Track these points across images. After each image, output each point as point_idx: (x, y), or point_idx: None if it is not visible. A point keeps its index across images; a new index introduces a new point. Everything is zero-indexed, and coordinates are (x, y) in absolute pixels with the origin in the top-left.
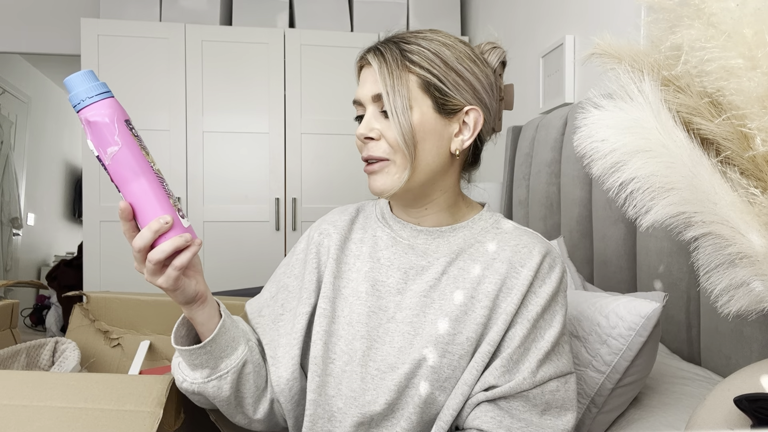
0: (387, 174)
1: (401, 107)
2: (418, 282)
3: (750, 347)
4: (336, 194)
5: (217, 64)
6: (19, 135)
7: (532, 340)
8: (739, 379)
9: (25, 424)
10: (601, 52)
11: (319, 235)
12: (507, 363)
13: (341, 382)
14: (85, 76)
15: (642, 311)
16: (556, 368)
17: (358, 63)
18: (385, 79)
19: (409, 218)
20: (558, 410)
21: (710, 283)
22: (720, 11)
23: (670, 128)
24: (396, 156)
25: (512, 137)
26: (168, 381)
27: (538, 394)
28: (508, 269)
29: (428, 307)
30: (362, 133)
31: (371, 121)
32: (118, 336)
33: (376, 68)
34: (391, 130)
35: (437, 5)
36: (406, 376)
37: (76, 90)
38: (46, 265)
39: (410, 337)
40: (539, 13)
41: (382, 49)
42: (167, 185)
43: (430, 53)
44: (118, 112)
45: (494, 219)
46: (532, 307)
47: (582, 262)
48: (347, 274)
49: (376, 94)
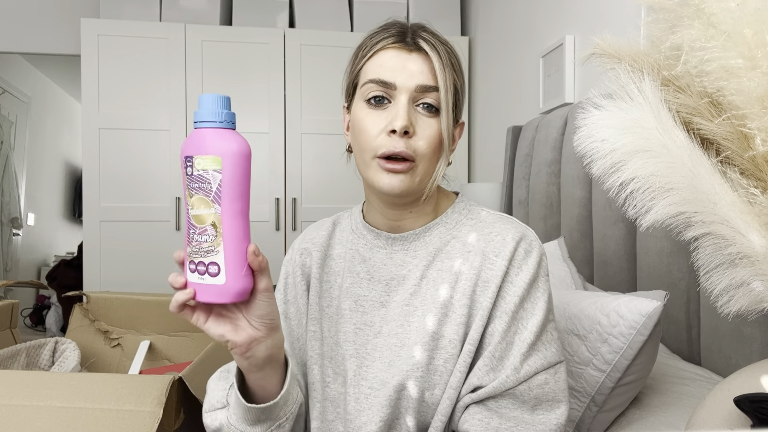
0: (411, 176)
1: (451, 107)
2: (400, 292)
3: (750, 347)
4: (336, 194)
5: (217, 64)
6: (19, 135)
7: (514, 332)
8: (739, 379)
9: (25, 424)
10: (601, 52)
11: (300, 256)
12: (490, 361)
13: (339, 406)
14: (211, 102)
15: (643, 310)
16: (544, 359)
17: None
18: (444, 75)
19: (386, 222)
20: (550, 403)
21: (710, 283)
22: (720, 11)
23: (670, 128)
24: (423, 158)
25: (512, 137)
26: (168, 381)
27: (525, 390)
28: (482, 261)
29: (411, 316)
30: (404, 126)
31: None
32: (118, 336)
33: (435, 61)
34: (431, 128)
35: (437, 5)
36: (396, 389)
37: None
38: (46, 265)
39: (397, 349)
40: (539, 13)
41: (433, 42)
42: (193, 232)
43: (458, 62)
44: (183, 149)
45: (468, 209)
46: (509, 299)
47: (582, 263)
48: (329, 293)
49: (429, 86)
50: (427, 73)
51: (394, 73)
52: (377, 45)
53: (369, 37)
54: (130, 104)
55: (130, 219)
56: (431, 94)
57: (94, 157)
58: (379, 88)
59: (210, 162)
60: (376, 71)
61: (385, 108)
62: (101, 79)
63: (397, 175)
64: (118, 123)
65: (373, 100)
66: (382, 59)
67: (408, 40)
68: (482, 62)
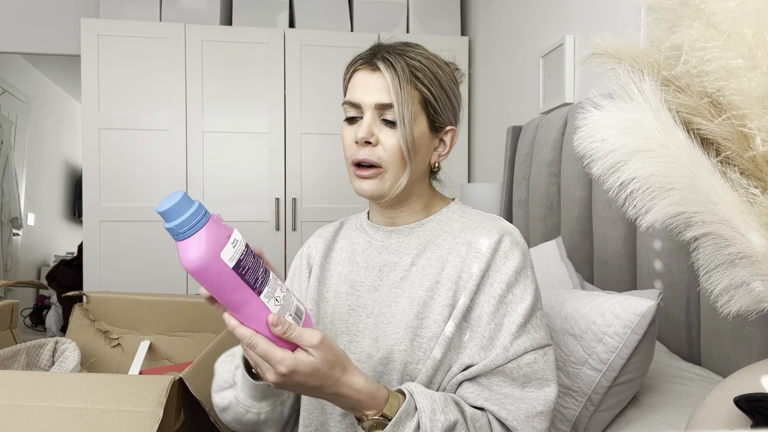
0: (380, 181)
1: (408, 119)
2: (391, 277)
3: (750, 347)
4: (336, 194)
5: (217, 64)
6: (19, 135)
7: (503, 315)
8: (739, 379)
9: (25, 424)
10: (601, 52)
11: (308, 248)
12: (480, 341)
13: None
14: (177, 205)
15: (637, 309)
16: (533, 340)
17: (355, 66)
18: (398, 91)
19: (384, 219)
20: (539, 381)
21: (710, 283)
22: (720, 11)
23: (670, 128)
24: (389, 165)
25: (512, 137)
26: (168, 381)
27: (514, 368)
28: (468, 249)
29: (399, 297)
30: (363, 137)
31: (372, 127)
32: (118, 336)
33: (388, 78)
34: (391, 139)
35: (437, 5)
36: (381, 361)
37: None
38: (46, 265)
39: (383, 326)
40: (539, 13)
41: (391, 61)
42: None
43: (430, 73)
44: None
45: (462, 210)
46: (497, 285)
47: (582, 262)
48: (330, 279)
49: (384, 103)
50: (385, 90)
51: (360, 93)
52: (352, 67)
53: (351, 60)
54: (130, 104)
55: (130, 219)
56: (390, 110)
57: (94, 157)
58: (351, 108)
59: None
60: (349, 93)
61: (357, 123)
62: (101, 79)
63: (366, 180)
64: (118, 123)
65: (349, 120)
66: (354, 81)
67: (373, 61)
68: (482, 62)
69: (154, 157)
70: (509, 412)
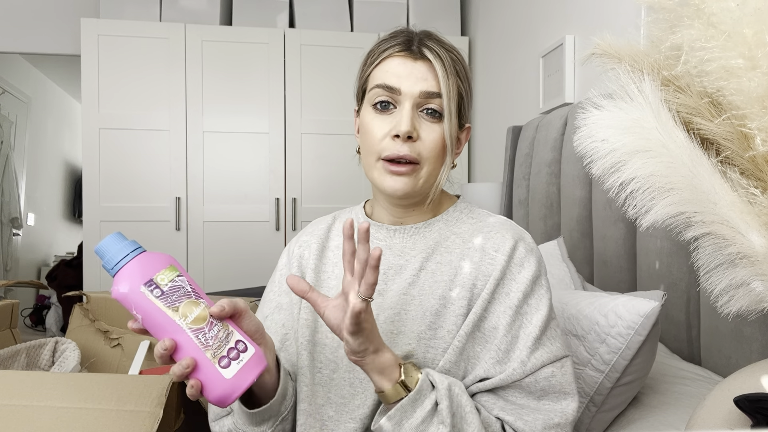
0: (414, 178)
1: (454, 112)
2: (397, 281)
3: (750, 347)
4: (336, 194)
5: (217, 64)
6: (19, 135)
7: (519, 326)
8: (739, 379)
9: (25, 424)
10: (601, 52)
11: (299, 248)
12: (496, 353)
13: (330, 390)
14: (108, 244)
15: (641, 310)
16: (550, 353)
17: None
18: (447, 82)
19: (391, 218)
20: (556, 395)
21: (710, 283)
22: (720, 11)
23: (670, 128)
24: (427, 161)
25: (512, 137)
26: (168, 381)
27: (532, 383)
28: (482, 256)
29: (408, 305)
30: (407, 131)
31: (414, 120)
32: (118, 336)
33: (438, 68)
34: (432, 133)
35: (437, 5)
36: None
37: (105, 261)
38: (46, 265)
39: (393, 336)
40: (539, 13)
41: (437, 50)
42: (203, 334)
43: (464, 68)
44: (132, 285)
45: (469, 209)
46: (513, 294)
47: (582, 262)
48: (326, 282)
49: (432, 92)
50: (431, 80)
51: (399, 79)
52: (385, 52)
53: (377, 44)
54: (130, 104)
55: (130, 219)
56: (435, 100)
57: (94, 157)
58: (384, 93)
59: (169, 272)
60: (382, 77)
61: (390, 113)
62: (101, 79)
63: (400, 177)
64: (118, 123)
65: (379, 105)
66: (389, 66)
67: (414, 48)
68: (482, 62)
69: (154, 157)
70: (526, 423)
